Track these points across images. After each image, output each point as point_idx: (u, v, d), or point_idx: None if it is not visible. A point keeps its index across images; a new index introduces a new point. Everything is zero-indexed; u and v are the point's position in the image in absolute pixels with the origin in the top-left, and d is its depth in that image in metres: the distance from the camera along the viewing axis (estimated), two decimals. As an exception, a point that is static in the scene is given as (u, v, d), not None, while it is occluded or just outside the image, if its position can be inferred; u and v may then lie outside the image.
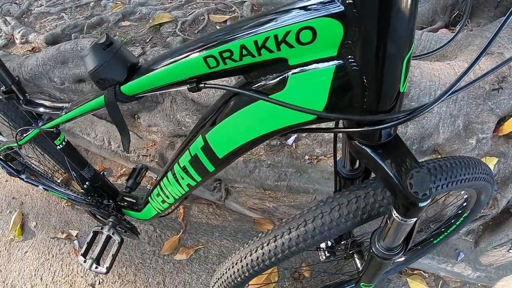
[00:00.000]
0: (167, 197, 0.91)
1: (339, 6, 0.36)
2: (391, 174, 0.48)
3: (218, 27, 1.63)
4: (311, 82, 0.45)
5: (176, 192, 0.85)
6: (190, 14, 1.67)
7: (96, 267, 1.05)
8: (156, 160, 1.43)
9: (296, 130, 0.54)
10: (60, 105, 0.90)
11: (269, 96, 0.49)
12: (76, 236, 1.63)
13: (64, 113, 0.85)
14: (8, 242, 1.72)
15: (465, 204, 0.99)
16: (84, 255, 1.09)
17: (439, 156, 1.40)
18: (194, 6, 1.75)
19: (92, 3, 1.94)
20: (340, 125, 0.62)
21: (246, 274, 0.80)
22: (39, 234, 1.69)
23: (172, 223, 1.56)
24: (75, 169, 1.16)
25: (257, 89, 0.51)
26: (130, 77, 0.60)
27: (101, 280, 1.51)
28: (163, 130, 1.45)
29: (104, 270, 1.05)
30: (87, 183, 1.18)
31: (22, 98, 0.95)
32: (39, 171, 1.52)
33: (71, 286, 1.53)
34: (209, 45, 0.48)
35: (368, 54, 0.38)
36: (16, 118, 1.11)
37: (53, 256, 1.62)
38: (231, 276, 0.84)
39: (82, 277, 1.53)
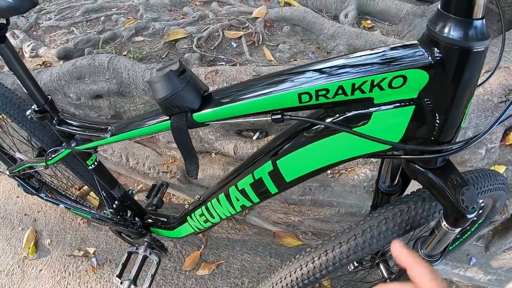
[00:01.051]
0: (213, 217, 0.89)
1: (429, 59, 0.42)
2: (446, 192, 0.52)
3: (233, 43, 1.61)
4: (392, 119, 0.49)
5: (226, 212, 0.84)
6: (205, 30, 1.64)
7: (134, 289, 1.02)
8: (178, 176, 1.39)
9: (368, 157, 0.56)
10: (101, 126, 0.86)
11: (353, 129, 0.51)
12: (93, 253, 1.57)
13: (109, 135, 0.81)
14: (22, 260, 1.64)
15: (480, 211, 1.01)
16: (120, 276, 1.04)
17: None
18: (208, 22, 1.72)
19: (103, 17, 1.89)
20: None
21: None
22: (54, 252, 1.62)
23: (193, 238, 1.52)
24: (105, 189, 1.12)
25: (341, 123, 0.53)
26: (204, 105, 0.59)
27: (121, 298, 1.46)
28: (184, 146, 1.41)
29: (143, 291, 1.01)
30: (116, 202, 1.14)
31: (55, 117, 0.91)
32: (56, 189, 1.47)
33: (89, 304, 1.47)
34: (306, 83, 0.48)
35: (444, 97, 0.44)
36: (43, 137, 1.06)
37: (69, 274, 1.55)
38: None
39: (101, 294, 1.48)
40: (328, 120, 0.54)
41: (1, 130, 2.06)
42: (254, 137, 1.36)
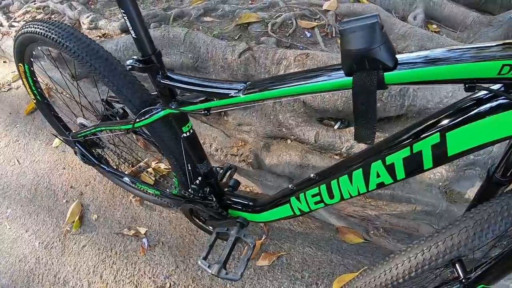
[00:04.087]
0: (332, 196, 0.76)
1: None
2: None
3: (306, 33, 1.50)
4: None
5: (353, 191, 0.72)
6: (278, 16, 1.52)
7: (226, 274, 0.87)
8: (250, 160, 1.25)
9: None
10: (220, 84, 0.73)
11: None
12: (145, 234, 1.41)
13: (241, 94, 0.68)
14: (63, 233, 1.48)
15: None
16: (206, 258, 0.90)
17: None
18: (279, 9, 1.61)
19: (167, -4, 1.76)
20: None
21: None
22: (100, 228, 1.46)
23: (254, 227, 1.38)
24: (191, 162, 0.98)
25: None
26: (398, 65, 0.51)
27: (172, 283, 1.30)
28: (258, 130, 1.28)
29: (238, 276, 0.86)
30: (199, 178, 1.00)
31: (161, 71, 0.78)
32: (109, 164, 1.32)
33: (136, 287, 1.32)
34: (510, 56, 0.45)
35: None
36: (132, 96, 0.90)
37: (116, 253, 1.39)
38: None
39: (150, 278, 1.32)
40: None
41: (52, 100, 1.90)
42: (336, 126, 1.23)
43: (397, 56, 0.53)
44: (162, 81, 0.78)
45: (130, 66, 0.79)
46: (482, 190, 0.78)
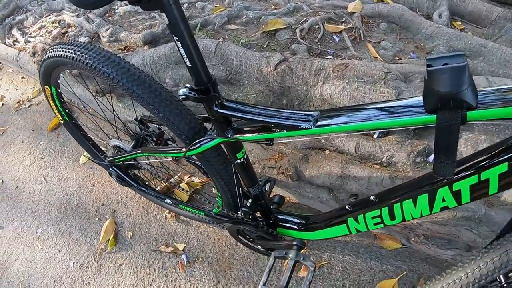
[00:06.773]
0: (393, 218, 0.76)
1: None
2: None
3: (335, 37, 1.48)
4: None
5: (416, 214, 0.73)
6: (305, 21, 1.50)
7: (290, 299, 0.87)
8: (290, 173, 1.25)
9: None
10: (284, 113, 0.71)
11: None
12: (183, 250, 1.40)
13: (311, 126, 0.66)
14: (98, 252, 1.47)
15: None
16: (265, 283, 0.90)
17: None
18: (304, 14, 1.58)
19: (186, 4, 1.73)
20: None
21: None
22: (137, 246, 1.46)
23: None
24: (241, 187, 0.97)
25: None
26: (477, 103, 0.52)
27: (214, 298, 1.31)
28: (296, 142, 1.27)
29: (303, 302, 0.87)
30: (250, 200, 0.99)
31: (218, 100, 0.76)
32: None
33: (178, 303, 1.32)
34: None
35: None
36: (179, 123, 0.87)
37: (155, 271, 1.39)
38: None
39: (191, 294, 1.33)
40: None
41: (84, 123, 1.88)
42: (375, 136, 1.22)
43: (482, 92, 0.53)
44: (219, 110, 0.76)
45: (183, 96, 0.77)
46: None
